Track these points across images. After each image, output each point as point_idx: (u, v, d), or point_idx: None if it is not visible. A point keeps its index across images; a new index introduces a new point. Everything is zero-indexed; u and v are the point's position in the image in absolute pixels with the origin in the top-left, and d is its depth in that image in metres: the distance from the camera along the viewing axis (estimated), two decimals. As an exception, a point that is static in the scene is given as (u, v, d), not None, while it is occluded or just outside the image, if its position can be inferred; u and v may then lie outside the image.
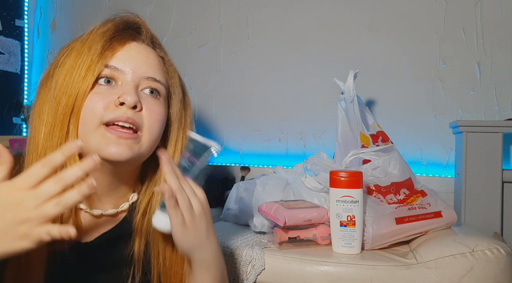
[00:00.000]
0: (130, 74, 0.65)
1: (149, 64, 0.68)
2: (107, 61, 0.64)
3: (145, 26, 0.72)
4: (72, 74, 0.63)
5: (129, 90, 0.63)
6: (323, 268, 0.88)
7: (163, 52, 0.74)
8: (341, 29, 1.63)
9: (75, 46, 0.66)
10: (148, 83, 0.67)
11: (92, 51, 0.64)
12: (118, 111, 0.62)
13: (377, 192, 1.05)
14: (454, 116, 1.49)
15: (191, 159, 0.66)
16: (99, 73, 0.63)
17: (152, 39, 0.72)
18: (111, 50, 0.65)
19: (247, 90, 1.74)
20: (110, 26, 0.67)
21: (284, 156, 1.68)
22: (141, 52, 0.68)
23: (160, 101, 0.68)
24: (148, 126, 0.65)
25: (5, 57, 1.95)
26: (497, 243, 0.89)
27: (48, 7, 2.09)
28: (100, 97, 0.63)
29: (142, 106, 0.65)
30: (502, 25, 1.46)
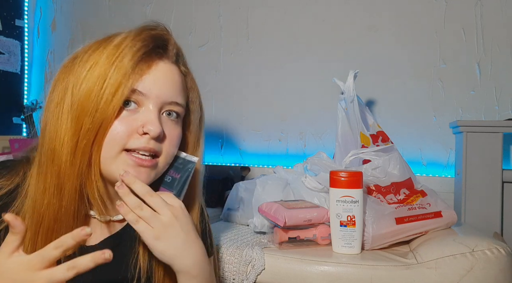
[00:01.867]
0: (154, 100, 0.64)
1: (173, 87, 0.67)
2: (134, 85, 0.62)
3: (172, 42, 0.70)
4: (98, 96, 0.60)
5: (153, 119, 0.63)
6: (323, 268, 0.88)
7: (186, 67, 0.73)
8: (341, 29, 1.63)
9: (99, 60, 0.62)
10: (170, 107, 0.66)
11: (120, 74, 0.61)
12: (141, 139, 0.62)
13: (377, 192, 1.05)
14: (454, 116, 1.50)
15: (172, 174, 0.69)
16: (126, 98, 0.62)
17: (177, 54, 0.71)
18: (139, 72, 0.63)
19: (247, 90, 1.74)
20: (139, 45, 0.64)
21: (284, 156, 1.68)
22: (166, 73, 0.66)
23: (177, 123, 0.69)
24: (166, 153, 0.66)
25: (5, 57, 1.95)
26: (497, 243, 0.89)
27: (48, 7, 2.09)
28: (124, 123, 0.62)
29: (165, 136, 0.65)
30: (502, 25, 1.46)
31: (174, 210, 0.63)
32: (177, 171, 0.69)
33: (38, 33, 2.09)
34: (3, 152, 1.82)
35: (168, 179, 0.69)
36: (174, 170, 0.69)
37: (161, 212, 0.62)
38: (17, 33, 2.01)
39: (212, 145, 1.77)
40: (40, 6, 2.09)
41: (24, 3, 2.05)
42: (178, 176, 0.68)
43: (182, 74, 0.71)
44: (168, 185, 0.68)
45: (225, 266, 0.92)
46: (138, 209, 0.61)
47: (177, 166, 0.69)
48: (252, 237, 1.05)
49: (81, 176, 0.62)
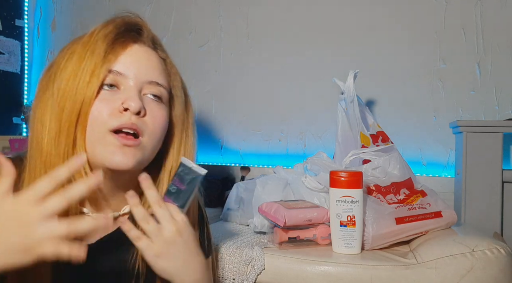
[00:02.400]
0: (133, 79, 0.65)
1: (152, 67, 0.68)
2: (110, 66, 0.64)
3: (146, 27, 0.71)
4: (76, 79, 0.62)
5: (132, 95, 0.63)
6: (323, 268, 0.88)
7: (165, 53, 0.74)
8: (341, 29, 1.63)
9: (76, 49, 0.65)
10: (151, 88, 0.67)
11: (95, 55, 0.63)
12: (123, 117, 0.63)
13: (377, 192, 1.05)
14: (454, 116, 1.50)
15: (178, 184, 0.67)
16: (103, 79, 0.63)
17: (153, 40, 0.72)
18: (114, 53, 0.64)
19: (247, 90, 1.74)
20: (111, 28, 0.66)
21: (284, 156, 1.68)
22: (144, 55, 0.68)
23: (162, 105, 0.68)
24: (150, 132, 0.66)
25: (5, 57, 1.95)
26: (497, 243, 0.89)
27: (48, 7, 2.09)
28: (105, 103, 0.63)
29: (145, 112, 0.65)
30: (502, 25, 1.46)
31: (178, 226, 0.63)
32: (182, 182, 0.67)
33: (38, 33, 2.09)
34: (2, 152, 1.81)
35: (173, 189, 0.66)
36: (179, 180, 0.67)
37: (165, 226, 0.62)
38: (17, 33, 2.01)
39: (212, 145, 1.77)
40: (40, 6, 2.09)
41: (24, 3, 2.05)
42: (183, 188, 0.66)
43: (160, 58, 0.71)
44: (173, 196, 0.66)
45: (225, 266, 0.92)
46: (144, 221, 0.61)
47: (183, 176, 0.67)
48: (252, 237, 1.05)
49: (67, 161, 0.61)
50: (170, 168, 0.72)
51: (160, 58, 0.71)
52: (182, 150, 0.73)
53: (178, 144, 0.73)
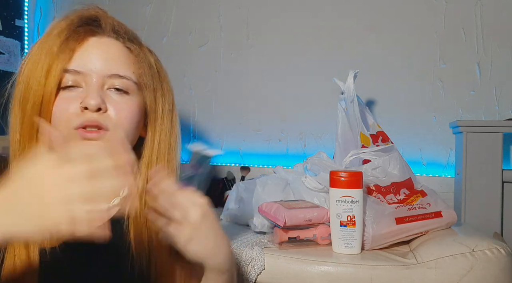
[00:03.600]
0: (92, 75, 0.63)
1: (111, 59, 0.65)
2: (65, 65, 0.62)
3: (105, 17, 0.68)
4: (33, 81, 0.61)
5: (90, 93, 0.62)
6: (323, 268, 0.88)
7: (131, 41, 0.70)
8: (341, 29, 1.63)
9: (32, 51, 0.64)
10: (113, 81, 0.65)
11: (49, 55, 0.62)
12: (83, 116, 0.62)
13: (377, 192, 1.05)
14: (454, 116, 1.49)
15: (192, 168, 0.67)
16: (61, 79, 0.62)
17: (114, 29, 0.68)
18: (69, 51, 0.63)
19: (247, 90, 1.74)
20: (63, 25, 0.64)
21: (284, 156, 1.68)
22: (101, 47, 0.65)
23: (128, 97, 0.66)
24: (115, 124, 0.64)
25: (5, 57, 1.95)
26: (497, 243, 0.89)
27: (48, 7, 2.09)
28: (66, 102, 0.62)
29: (106, 107, 0.63)
30: (502, 25, 1.46)
31: (203, 209, 0.61)
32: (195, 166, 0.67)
33: (38, 33, 2.09)
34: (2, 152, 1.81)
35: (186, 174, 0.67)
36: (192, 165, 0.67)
37: (190, 212, 0.60)
38: (17, 33, 2.01)
39: (212, 145, 1.77)
40: (40, 6, 2.09)
41: (24, 3, 2.05)
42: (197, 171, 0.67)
43: (124, 47, 0.68)
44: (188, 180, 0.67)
45: (225, 266, 0.92)
46: (171, 210, 0.60)
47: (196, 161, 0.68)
48: (252, 237, 1.05)
49: None
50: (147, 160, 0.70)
51: (124, 47, 0.68)
52: (157, 139, 0.70)
53: (152, 133, 0.71)
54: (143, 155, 0.71)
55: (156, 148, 0.70)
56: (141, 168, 0.70)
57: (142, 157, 0.70)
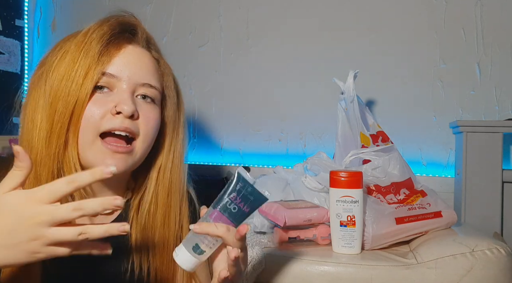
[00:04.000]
0: (126, 81, 0.65)
1: (145, 69, 0.68)
2: (104, 68, 0.64)
3: (141, 27, 0.72)
4: (69, 80, 0.62)
5: (125, 98, 0.63)
6: (323, 268, 0.88)
7: (158, 53, 0.74)
8: (341, 29, 1.62)
9: (69, 49, 0.65)
10: (144, 90, 0.67)
11: (89, 57, 0.63)
12: (115, 120, 0.63)
13: (377, 192, 1.05)
14: (454, 116, 1.49)
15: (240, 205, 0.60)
16: (97, 81, 0.63)
17: (147, 40, 0.72)
18: (108, 55, 0.64)
19: (247, 90, 1.74)
20: (106, 29, 0.66)
21: (284, 156, 1.68)
22: (137, 56, 0.68)
23: (154, 106, 0.69)
24: (143, 134, 0.66)
25: (5, 57, 1.95)
26: (497, 243, 0.89)
27: (48, 7, 2.09)
28: (97, 105, 0.63)
29: (138, 115, 0.65)
30: (502, 25, 1.46)
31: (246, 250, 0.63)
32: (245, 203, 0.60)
33: (38, 33, 2.09)
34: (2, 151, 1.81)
35: (234, 208, 0.60)
36: (242, 201, 0.60)
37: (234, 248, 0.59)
38: (17, 33, 2.01)
39: (212, 145, 1.77)
40: (40, 6, 2.09)
41: (24, 3, 2.05)
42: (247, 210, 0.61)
43: (154, 59, 0.71)
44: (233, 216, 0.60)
45: (225, 266, 0.92)
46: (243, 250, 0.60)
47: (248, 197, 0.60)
48: (252, 237, 1.05)
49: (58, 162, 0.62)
50: (159, 166, 0.72)
51: (154, 59, 0.71)
52: (172, 148, 0.73)
53: (169, 143, 0.73)
54: (155, 162, 0.72)
55: (171, 158, 0.73)
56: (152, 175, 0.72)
57: (154, 163, 0.72)
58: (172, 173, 0.72)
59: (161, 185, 0.71)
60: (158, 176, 0.72)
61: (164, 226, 0.71)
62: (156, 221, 0.71)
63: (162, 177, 0.72)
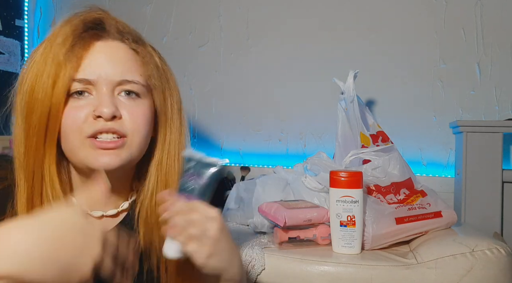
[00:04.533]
0: (101, 82, 0.61)
1: (120, 64, 0.63)
2: (74, 74, 0.59)
3: (108, 19, 0.65)
4: (38, 91, 0.59)
5: (103, 100, 0.60)
6: (323, 268, 0.88)
7: (135, 42, 0.67)
8: (341, 29, 1.63)
9: (36, 59, 0.61)
10: (122, 87, 0.63)
11: (54, 64, 0.59)
12: (97, 123, 0.60)
13: (377, 192, 1.05)
14: (454, 116, 1.49)
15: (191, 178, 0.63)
16: (69, 89, 0.59)
17: (119, 31, 0.66)
18: (76, 59, 0.60)
19: (247, 90, 1.74)
20: (68, 31, 0.61)
21: (284, 156, 1.68)
22: (108, 52, 0.63)
23: (140, 101, 0.65)
24: (132, 130, 0.63)
25: (5, 57, 1.95)
26: (497, 243, 0.89)
27: (48, 7, 2.09)
28: (77, 111, 0.60)
29: (120, 114, 0.62)
30: (502, 25, 1.46)
31: (218, 222, 0.60)
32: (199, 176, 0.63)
33: (38, 33, 2.09)
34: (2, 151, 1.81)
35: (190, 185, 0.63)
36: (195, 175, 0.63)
37: (208, 227, 0.59)
38: (17, 33, 2.01)
39: (212, 145, 1.77)
40: (40, 6, 2.09)
41: (24, 3, 2.05)
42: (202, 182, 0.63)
43: (130, 50, 0.66)
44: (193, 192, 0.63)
45: (225, 266, 0.92)
46: (190, 227, 0.58)
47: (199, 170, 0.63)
48: (252, 237, 1.05)
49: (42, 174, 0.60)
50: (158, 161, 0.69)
51: (131, 50, 0.66)
52: (168, 139, 0.70)
53: (163, 134, 0.70)
54: (153, 156, 0.70)
55: (167, 149, 0.70)
56: (151, 169, 0.70)
57: (152, 157, 0.70)
58: (168, 164, 0.69)
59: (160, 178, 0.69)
60: (156, 169, 0.69)
61: None
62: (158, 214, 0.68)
63: (160, 170, 0.69)
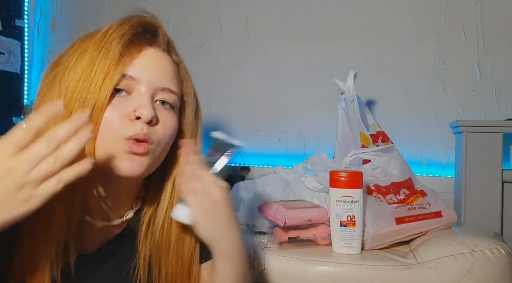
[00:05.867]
0: (146, 84, 0.61)
1: (165, 73, 0.65)
2: (124, 70, 0.60)
3: (162, 29, 0.68)
4: (87, 81, 0.58)
5: (145, 103, 0.60)
6: (323, 268, 0.88)
7: (178, 58, 0.71)
8: (341, 29, 1.63)
9: (87, 48, 0.60)
10: (164, 95, 0.64)
11: (109, 57, 0.59)
12: (135, 125, 0.59)
13: (377, 192, 1.05)
14: (454, 116, 1.49)
15: (213, 154, 0.68)
16: (117, 83, 0.59)
17: (168, 43, 0.69)
18: (129, 56, 0.61)
19: (247, 90, 1.74)
20: (127, 29, 0.62)
21: (284, 156, 1.68)
22: (158, 59, 0.64)
23: (173, 113, 0.65)
24: (159, 140, 0.62)
25: (5, 57, 1.95)
26: (497, 243, 0.89)
27: (48, 7, 2.09)
28: (116, 109, 0.59)
29: (157, 120, 0.62)
30: (502, 25, 1.46)
31: (224, 191, 0.63)
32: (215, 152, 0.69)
33: (38, 33, 2.09)
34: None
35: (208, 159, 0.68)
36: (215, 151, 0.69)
37: (213, 189, 0.61)
38: (17, 33, 2.01)
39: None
40: (40, 6, 2.09)
41: (24, 3, 2.05)
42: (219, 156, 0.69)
43: (174, 63, 0.68)
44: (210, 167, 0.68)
45: (225, 266, 0.92)
46: (197, 179, 0.61)
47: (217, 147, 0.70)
48: (252, 237, 1.05)
49: None
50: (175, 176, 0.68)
51: (174, 63, 0.68)
52: None
53: None
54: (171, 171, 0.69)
55: None
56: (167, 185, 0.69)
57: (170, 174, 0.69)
58: None
59: (176, 197, 0.68)
60: (173, 187, 0.68)
61: (178, 242, 0.67)
62: (171, 236, 0.67)
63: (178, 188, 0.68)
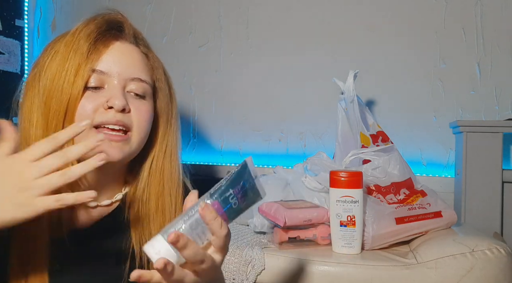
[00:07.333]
0: (116, 77, 0.67)
1: (134, 64, 0.70)
2: (93, 65, 0.66)
3: (127, 24, 0.73)
4: (61, 79, 0.64)
5: (116, 93, 0.66)
6: (323, 268, 0.88)
7: (147, 48, 0.76)
8: (341, 29, 1.62)
9: (59, 49, 0.67)
10: (134, 84, 0.69)
11: (78, 55, 0.65)
12: (107, 114, 0.65)
13: (377, 192, 1.05)
14: (454, 116, 1.49)
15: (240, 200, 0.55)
16: (88, 78, 0.65)
17: (134, 36, 0.74)
18: (96, 52, 0.67)
19: (247, 90, 1.74)
20: (92, 27, 0.69)
21: (284, 156, 1.68)
22: (125, 52, 0.70)
23: (146, 100, 0.71)
24: (137, 126, 0.68)
25: (5, 57, 1.95)
26: (497, 243, 0.89)
27: (48, 7, 2.09)
28: (89, 101, 0.65)
29: (130, 108, 0.67)
30: (502, 25, 1.46)
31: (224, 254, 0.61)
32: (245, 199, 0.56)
33: (38, 33, 2.09)
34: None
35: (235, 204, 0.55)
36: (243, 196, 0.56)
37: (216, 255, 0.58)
38: (17, 33, 2.01)
39: (212, 145, 1.77)
40: (40, 6, 2.09)
41: (24, 3, 2.05)
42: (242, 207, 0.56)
43: (142, 53, 0.73)
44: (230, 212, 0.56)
45: (225, 266, 0.92)
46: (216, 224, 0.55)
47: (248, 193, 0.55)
48: (252, 237, 1.05)
49: None
50: (152, 157, 0.74)
51: (142, 53, 0.73)
52: (166, 140, 0.75)
53: (162, 134, 0.75)
54: (149, 154, 0.74)
55: (164, 148, 0.75)
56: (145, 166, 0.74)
57: (147, 157, 0.74)
58: (164, 163, 0.74)
59: (153, 174, 0.73)
60: (151, 166, 0.74)
61: (157, 213, 0.72)
62: (150, 208, 0.72)
63: (154, 167, 0.74)
